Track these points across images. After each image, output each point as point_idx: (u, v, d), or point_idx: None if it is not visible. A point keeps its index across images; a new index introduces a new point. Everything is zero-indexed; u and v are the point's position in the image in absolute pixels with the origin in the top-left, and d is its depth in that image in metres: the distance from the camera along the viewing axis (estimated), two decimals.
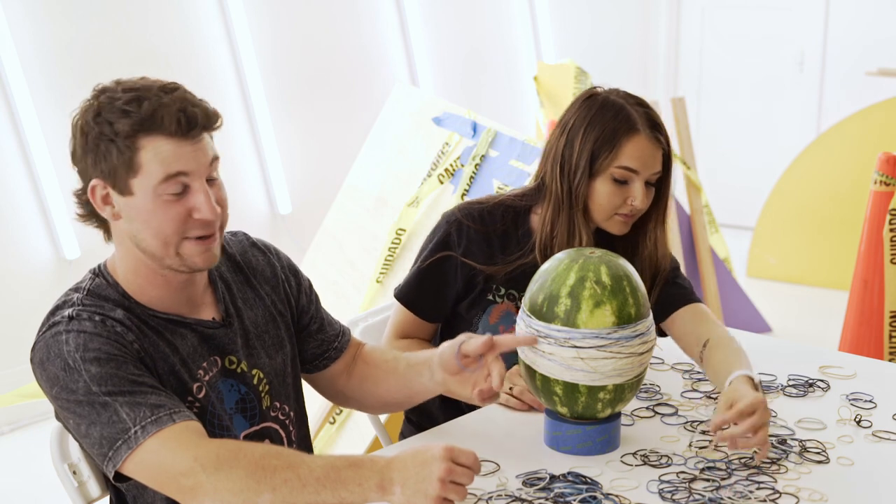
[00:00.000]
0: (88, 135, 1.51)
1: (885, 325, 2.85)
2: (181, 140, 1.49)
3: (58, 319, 1.50)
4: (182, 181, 1.50)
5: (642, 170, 1.88)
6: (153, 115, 1.48)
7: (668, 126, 2.04)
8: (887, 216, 2.81)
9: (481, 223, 1.99)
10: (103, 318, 1.50)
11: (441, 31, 5.50)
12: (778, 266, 5.53)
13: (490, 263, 1.97)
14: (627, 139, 1.86)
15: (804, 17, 6.30)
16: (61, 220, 3.99)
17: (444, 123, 3.29)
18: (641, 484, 1.53)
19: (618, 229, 1.93)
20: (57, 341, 1.48)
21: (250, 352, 1.66)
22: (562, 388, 1.60)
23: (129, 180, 1.49)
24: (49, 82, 3.97)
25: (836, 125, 5.34)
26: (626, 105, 1.89)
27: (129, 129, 1.47)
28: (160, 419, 1.43)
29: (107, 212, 1.53)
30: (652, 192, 1.93)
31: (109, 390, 1.44)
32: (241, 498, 1.39)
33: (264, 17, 4.72)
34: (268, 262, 1.76)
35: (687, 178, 4.52)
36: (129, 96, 1.49)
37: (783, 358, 2.06)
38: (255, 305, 1.70)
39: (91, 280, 1.57)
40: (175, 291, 1.59)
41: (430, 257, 2.01)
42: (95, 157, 1.51)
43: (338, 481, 1.38)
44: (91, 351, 1.46)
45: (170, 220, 1.50)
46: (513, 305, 2.00)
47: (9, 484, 3.42)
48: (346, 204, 3.55)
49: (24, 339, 2.04)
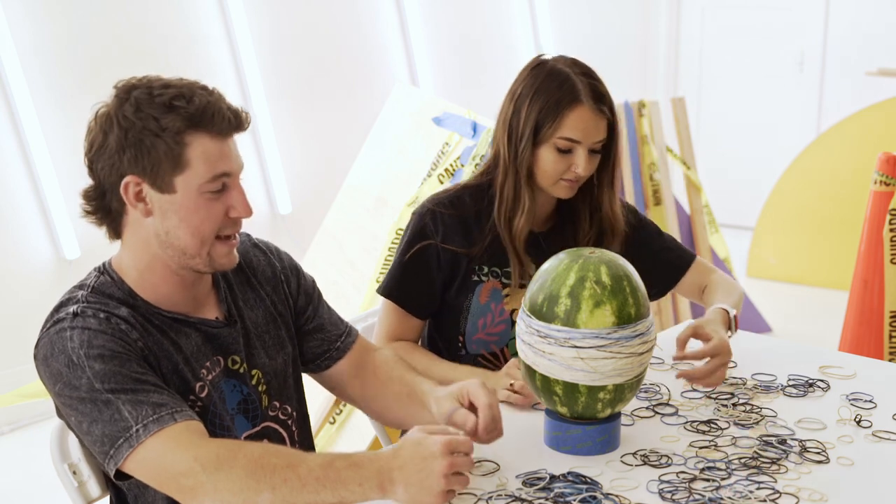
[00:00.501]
0: (129, 130, 1.48)
1: (885, 325, 2.85)
2: (223, 139, 1.51)
3: (62, 316, 1.50)
4: (224, 181, 1.52)
5: (584, 139, 1.93)
6: (204, 111, 1.48)
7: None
8: (887, 216, 2.81)
9: (453, 208, 2.03)
10: (108, 315, 1.50)
11: (441, 31, 5.50)
12: (778, 266, 5.53)
13: (469, 245, 2.02)
14: (570, 110, 1.92)
15: (804, 17, 6.30)
16: (61, 220, 3.99)
17: (444, 123, 3.29)
18: (641, 484, 1.53)
19: (564, 193, 1.99)
20: (61, 338, 1.48)
21: (250, 352, 1.67)
22: (562, 388, 1.60)
23: (173, 177, 1.50)
24: (49, 82, 3.96)
25: (836, 125, 5.34)
26: (571, 75, 1.94)
27: (179, 125, 1.47)
28: (162, 418, 1.43)
29: (138, 209, 1.52)
30: (597, 159, 1.99)
31: (112, 388, 1.44)
32: (241, 497, 1.39)
33: (264, 17, 4.72)
34: (268, 263, 1.76)
35: (687, 178, 4.52)
36: (172, 92, 1.49)
37: (783, 358, 2.06)
38: (256, 306, 1.70)
39: (96, 278, 1.57)
40: (185, 290, 1.59)
41: (409, 249, 2.03)
42: (137, 152, 1.49)
43: (338, 481, 1.38)
44: (95, 348, 1.46)
45: (210, 219, 1.52)
46: (498, 282, 2.03)
47: (9, 484, 3.42)
48: (346, 204, 3.55)
49: (25, 339, 2.04)
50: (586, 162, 1.94)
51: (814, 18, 6.27)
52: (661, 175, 4.21)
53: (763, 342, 2.22)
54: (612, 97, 2.01)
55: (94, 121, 1.52)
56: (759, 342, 2.21)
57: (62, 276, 4.01)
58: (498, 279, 2.03)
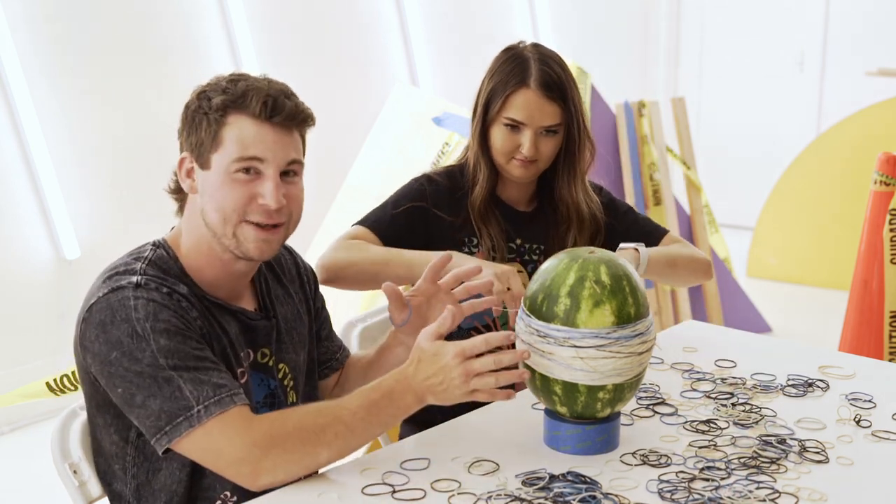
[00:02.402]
0: (189, 108, 1.57)
1: (885, 325, 2.85)
2: (264, 124, 1.54)
3: (123, 284, 1.50)
4: (255, 165, 1.55)
5: (529, 122, 2.02)
6: (244, 94, 1.54)
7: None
8: (887, 216, 2.81)
9: (448, 178, 2.14)
10: (170, 290, 1.52)
11: (441, 31, 5.50)
12: (778, 266, 5.53)
13: (456, 216, 2.10)
14: (515, 92, 2.02)
15: (804, 17, 6.30)
16: (61, 220, 3.99)
17: (444, 123, 3.30)
18: (641, 484, 1.53)
19: (517, 173, 2.07)
20: (124, 306, 1.47)
21: (280, 346, 1.70)
22: (561, 388, 1.60)
23: (210, 154, 1.55)
24: (49, 82, 3.96)
25: (836, 125, 5.34)
26: (528, 59, 2.04)
27: (221, 104, 1.53)
28: (222, 400, 1.45)
29: (187, 185, 1.59)
30: (550, 142, 2.05)
31: (175, 364, 1.45)
32: (302, 465, 1.47)
33: (264, 17, 4.72)
34: (294, 262, 1.81)
35: (687, 178, 4.52)
36: (232, 77, 1.57)
37: (783, 358, 2.07)
38: (286, 302, 1.74)
39: (152, 251, 1.59)
40: (226, 275, 1.61)
41: (402, 203, 2.09)
42: (189, 129, 1.57)
43: (381, 415, 1.50)
44: (161, 322, 1.47)
45: (232, 199, 1.55)
46: (486, 254, 2.09)
47: (9, 484, 3.42)
48: (346, 204, 3.55)
49: (25, 339, 2.04)
50: (532, 143, 2.02)
51: (814, 18, 6.27)
52: (661, 175, 4.21)
53: (763, 342, 2.22)
54: (578, 88, 2.08)
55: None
56: (759, 342, 2.21)
57: (62, 276, 4.01)
58: (486, 251, 2.10)
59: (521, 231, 2.14)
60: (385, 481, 1.52)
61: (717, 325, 2.40)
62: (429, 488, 1.51)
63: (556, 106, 2.03)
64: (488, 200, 2.11)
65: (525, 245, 2.14)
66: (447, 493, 1.49)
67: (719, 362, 2.04)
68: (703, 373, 1.99)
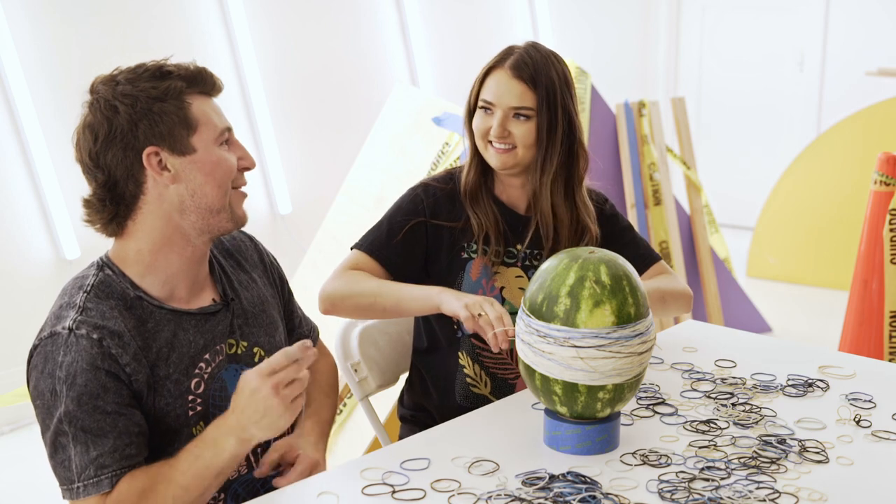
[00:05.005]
0: (135, 103, 1.52)
1: (885, 325, 2.85)
2: (210, 99, 1.60)
3: (58, 330, 1.50)
4: (227, 136, 1.61)
5: (497, 102, 2.02)
6: (199, 73, 1.58)
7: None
8: (887, 216, 2.81)
9: (444, 183, 2.13)
10: (101, 337, 1.50)
11: (441, 31, 5.50)
12: (778, 266, 5.53)
13: (456, 220, 2.08)
14: (488, 74, 2.05)
15: (804, 17, 6.30)
16: (61, 221, 3.99)
17: (444, 123, 3.30)
18: (641, 483, 1.53)
19: (494, 161, 2.05)
20: (53, 359, 1.49)
21: (250, 330, 1.70)
22: (561, 388, 1.60)
23: (189, 138, 1.55)
24: (49, 82, 3.97)
25: (836, 125, 5.34)
26: (515, 48, 2.05)
27: (179, 86, 1.54)
28: (100, 482, 1.48)
29: (163, 177, 1.55)
30: (522, 127, 2.02)
31: (74, 432, 1.48)
32: None
33: (264, 17, 4.72)
34: (255, 248, 1.83)
35: (687, 178, 4.52)
36: (156, 63, 1.57)
37: (783, 358, 2.07)
38: (250, 287, 1.75)
39: (95, 275, 1.57)
40: (191, 267, 1.62)
41: (399, 221, 2.08)
42: (150, 121, 1.53)
43: (210, 467, 1.48)
44: (77, 386, 1.47)
45: (229, 168, 1.59)
46: (486, 259, 2.07)
47: (9, 484, 3.43)
48: (346, 204, 3.55)
49: (25, 339, 2.04)
50: (500, 124, 2.01)
51: (814, 19, 6.27)
52: (661, 175, 4.21)
53: (763, 342, 2.22)
54: (557, 79, 2.03)
55: (90, 114, 1.54)
56: (758, 342, 2.21)
57: (62, 276, 4.01)
58: (487, 256, 2.08)
59: (520, 236, 2.10)
60: (385, 481, 1.52)
61: (717, 325, 2.40)
62: (429, 488, 1.51)
63: (525, 87, 2.00)
64: (479, 185, 2.09)
65: (526, 251, 2.11)
66: (447, 493, 1.49)
67: (719, 362, 2.04)
68: (703, 373, 1.99)
